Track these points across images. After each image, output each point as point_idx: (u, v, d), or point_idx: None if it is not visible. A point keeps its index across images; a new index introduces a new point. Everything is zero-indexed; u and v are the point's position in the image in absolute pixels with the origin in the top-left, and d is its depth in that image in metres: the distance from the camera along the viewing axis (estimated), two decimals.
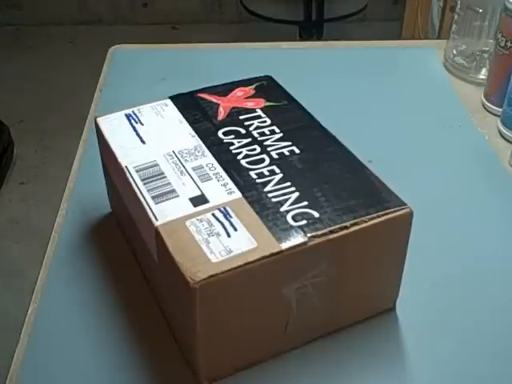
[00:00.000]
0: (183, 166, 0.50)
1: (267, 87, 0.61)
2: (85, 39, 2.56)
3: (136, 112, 0.57)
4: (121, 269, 0.56)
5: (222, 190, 0.48)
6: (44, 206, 1.77)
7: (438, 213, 0.62)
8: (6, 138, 1.92)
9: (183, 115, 0.57)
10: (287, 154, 0.52)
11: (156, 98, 0.59)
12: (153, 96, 0.59)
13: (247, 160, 0.51)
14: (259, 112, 0.57)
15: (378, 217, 0.46)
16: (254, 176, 0.49)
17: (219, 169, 0.50)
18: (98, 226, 0.61)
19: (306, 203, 0.47)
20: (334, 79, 0.83)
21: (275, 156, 0.52)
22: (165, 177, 0.49)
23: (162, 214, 0.46)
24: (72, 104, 2.05)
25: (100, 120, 0.56)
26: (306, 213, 0.46)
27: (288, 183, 0.49)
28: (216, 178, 0.49)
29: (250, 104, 0.58)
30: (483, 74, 0.82)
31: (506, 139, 0.73)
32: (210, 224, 0.45)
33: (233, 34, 2.56)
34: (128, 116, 0.56)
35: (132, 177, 0.49)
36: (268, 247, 0.43)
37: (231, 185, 0.48)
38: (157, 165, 0.50)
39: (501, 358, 0.50)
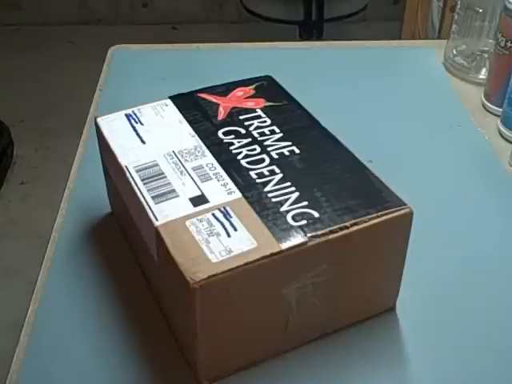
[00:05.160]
0: (183, 166, 0.50)
1: (267, 87, 0.61)
2: (85, 39, 2.56)
3: (136, 112, 0.57)
4: (121, 269, 0.56)
5: (221, 189, 0.48)
6: (44, 206, 1.77)
7: (438, 213, 0.62)
8: (6, 138, 1.92)
9: (183, 115, 0.57)
10: (287, 153, 0.52)
11: (156, 98, 0.59)
12: (153, 96, 0.59)
13: (247, 160, 0.51)
14: (259, 112, 0.57)
15: (378, 217, 0.46)
16: (254, 176, 0.49)
17: (219, 169, 0.50)
18: (98, 226, 0.61)
19: (306, 203, 0.47)
20: (334, 79, 0.83)
21: (275, 156, 0.51)
22: (165, 177, 0.49)
23: (162, 214, 0.46)
24: (72, 104, 2.05)
25: (100, 120, 0.56)
26: (306, 213, 0.46)
27: (288, 183, 0.49)
28: (216, 177, 0.49)
29: (249, 104, 0.58)
30: (483, 74, 0.82)
31: (506, 139, 0.73)
32: (210, 224, 0.45)
33: (233, 34, 2.56)
34: (128, 116, 0.56)
35: (132, 177, 0.49)
36: (268, 247, 0.43)
37: (231, 185, 0.48)
38: (157, 165, 0.50)
39: (501, 357, 0.50)
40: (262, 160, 0.51)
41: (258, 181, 0.49)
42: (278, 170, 0.50)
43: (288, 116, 0.57)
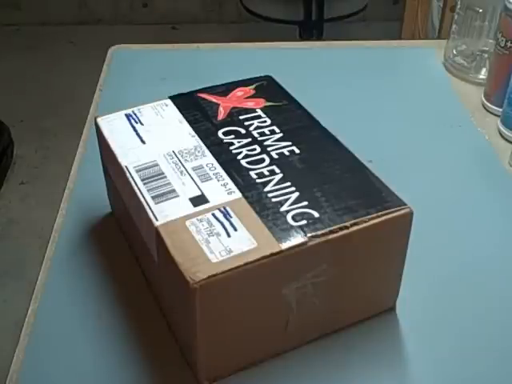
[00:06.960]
0: (183, 166, 0.50)
1: (267, 87, 0.61)
2: (85, 39, 2.56)
3: (136, 112, 0.57)
4: (121, 269, 0.56)
5: (222, 189, 0.48)
6: (44, 206, 1.77)
7: (438, 213, 0.62)
8: (6, 138, 1.92)
9: (183, 115, 0.57)
10: (287, 153, 0.52)
11: (156, 98, 0.59)
12: (153, 96, 0.59)
13: (247, 160, 0.51)
14: (259, 112, 0.57)
15: (378, 217, 0.46)
16: (254, 176, 0.49)
17: (219, 169, 0.50)
18: (98, 226, 0.61)
19: (306, 203, 0.47)
20: (334, 79, 0.83)
21: (275, 156, 0.52)
22: (165, 177, 0.49)
23: (162, 214, 0.46)
24: (72, 104, 2.05)
25: (100, 120, 0.56)
26: (306, 213, 0.46)
27: (288, 183, 0.49)
28: (216, 177, 0.49)
29: (249, 104, 0.58)
30: (483, 74, 0.82)
31: (506, 139, 0.73)
32: (210, 224, 0.45)
33: (233, 34, 2.56)
34: (128, 116, 0.56)
35: (132, 177, 0.49)
36: (268, 247, 0.43)
37: (231, 185, 0.48)
38: (157, 165, 0.50)
39: (501, 357, 0.50)
40: (262, 160, 0.51)
41: (258, 181, 0.49)
42: (278, 170, 0.50)
43: (288, 116, 0.57)
